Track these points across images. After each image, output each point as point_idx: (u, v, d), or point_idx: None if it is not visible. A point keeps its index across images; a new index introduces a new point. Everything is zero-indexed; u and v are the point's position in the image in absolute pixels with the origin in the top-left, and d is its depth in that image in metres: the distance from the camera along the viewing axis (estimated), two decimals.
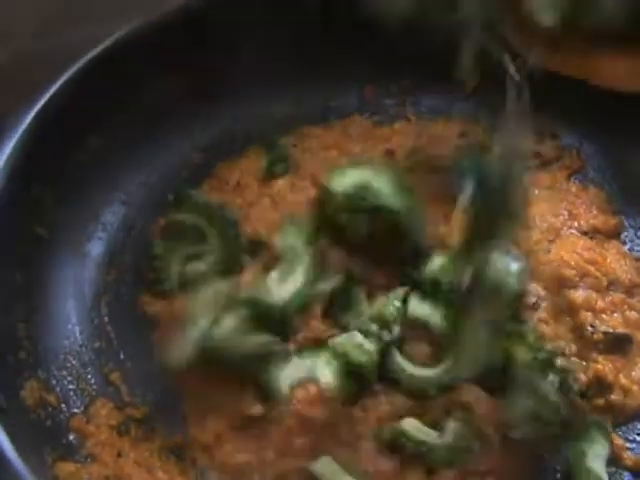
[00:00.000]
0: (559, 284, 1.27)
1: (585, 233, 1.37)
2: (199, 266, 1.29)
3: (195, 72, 1.48)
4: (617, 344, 1.23)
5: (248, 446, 1.14)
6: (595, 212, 1.41)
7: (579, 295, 1.27)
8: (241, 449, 1.14)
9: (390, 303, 1.17)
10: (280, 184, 1.41)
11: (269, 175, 1.43)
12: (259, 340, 1.14)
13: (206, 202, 1.31)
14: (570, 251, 1.31)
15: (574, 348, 1.23)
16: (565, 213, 1.39)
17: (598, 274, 1.29)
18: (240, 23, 1.44)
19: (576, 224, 1.38)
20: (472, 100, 1.51)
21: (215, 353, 1.15)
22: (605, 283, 1.29)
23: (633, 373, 1.22)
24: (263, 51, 1.46)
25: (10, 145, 1.26)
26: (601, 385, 1.20)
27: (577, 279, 1.28)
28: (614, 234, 1.40)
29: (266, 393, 1.15)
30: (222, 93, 1.48)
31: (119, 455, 1.17)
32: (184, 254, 1.31)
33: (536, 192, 1.38)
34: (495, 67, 1.15)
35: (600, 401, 1.19)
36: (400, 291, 1.19)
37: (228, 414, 1.17)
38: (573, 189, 1.45)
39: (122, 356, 1.30)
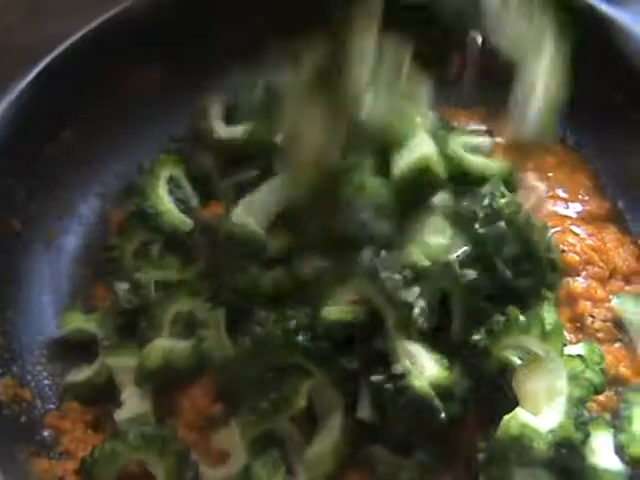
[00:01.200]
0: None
1: (582, 219, 1.38)
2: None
3: (170, 62, 1.46)
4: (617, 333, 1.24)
5: None
6: (587, 197, 1.41)
7: (579, 284, 1.27)
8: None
9: None
10: None
11: None
12: None
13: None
14: (573, 236, 1.32)
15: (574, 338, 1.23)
16: (561, 198, 1.40)
17: (601, 263, 1.30)
18: (215, 11, 1.43)
19: (574, 209, 1.38)
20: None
21: None
22: (607, 273, 1.29)
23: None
24: (240, 40, 1.45)
25: None
26: None
27: (580, 267, 1.29)
28: (609, 218, 1.39)
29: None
30: (198, 83, 1.46)
31: None
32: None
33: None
34: None
35: None
36: None
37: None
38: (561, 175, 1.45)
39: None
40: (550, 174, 1.45)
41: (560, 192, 1.40)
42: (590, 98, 1.43)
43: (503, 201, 1.12)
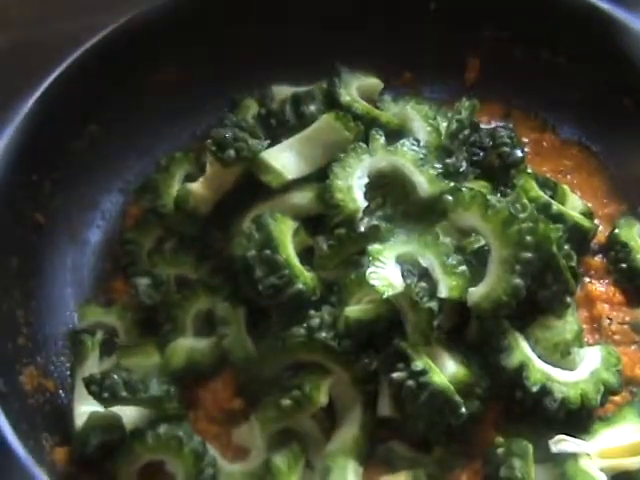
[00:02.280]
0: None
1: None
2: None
3: (194, 61, 1.48)
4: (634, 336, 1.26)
5: None
6: (605, 200, 1.43)
7: (597, 287, 1.30)
8: None
9: None
10: None
11: None
12: None
13: None
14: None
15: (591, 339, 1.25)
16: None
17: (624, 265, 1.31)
18: (238, 10, 1.45)
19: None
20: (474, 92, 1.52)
21: None
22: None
23: None
24: (261, 38, 1.47)
25: (9, 133, 1.26)
26: None
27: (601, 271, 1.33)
28: None
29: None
30: (221, 81, 1.48)
31: None
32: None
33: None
34: None
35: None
36: None
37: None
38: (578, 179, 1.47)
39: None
40: (568, 177, 1.47)
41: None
42: (606, 103, 1.46)
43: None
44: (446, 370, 1.08)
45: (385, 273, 1.08)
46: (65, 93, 1.33)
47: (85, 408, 1.14)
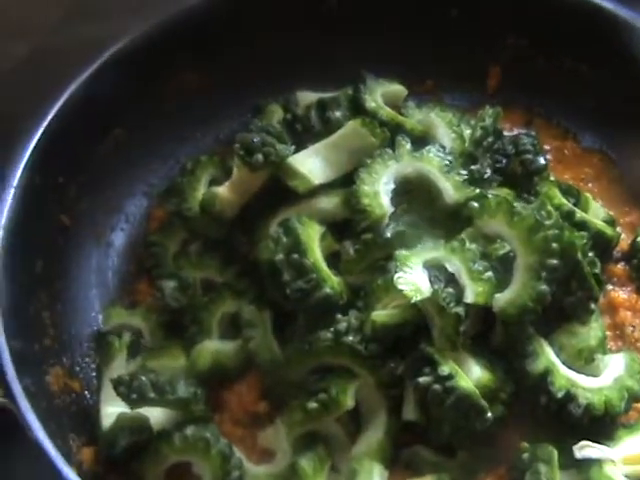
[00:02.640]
0: None
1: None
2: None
3: (215, 66, 1.49)
4: None
5: None
6: (627, 208, 1.43)
7: (620, 294, 1.30)
8: None
9: None
10: None
11: None
12: None
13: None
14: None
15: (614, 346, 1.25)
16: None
17: None
18: (259, 18, 1.46)
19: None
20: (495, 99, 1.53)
21: None
22: None
23: None
24: (284, 44, 1.48)
25: (36, 137, 1.26)
26: None
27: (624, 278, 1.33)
28: None
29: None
30: (243, 86, 1.49)
31: None
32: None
33: None
34: None
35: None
36: None
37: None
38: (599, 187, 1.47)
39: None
40: (589, 185, 1.48)
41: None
42: (627, 111, 1.46)
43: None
44: (471, 375, 1.09)
45: (413, 278, 1.09)
46: (89, 98, 1.33)
47: (112, 409, 1.15)
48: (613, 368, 1.16)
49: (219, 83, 1.51)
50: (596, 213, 1.34)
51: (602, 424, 1.12)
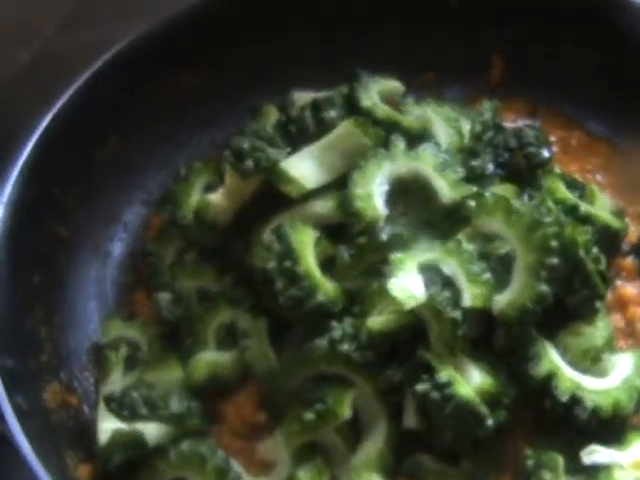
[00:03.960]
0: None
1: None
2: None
3: (213, 69, 1.47)
4: None
5: None
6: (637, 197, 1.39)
7: (629, 289, 1.26)
8: None
9: None
10: None
11: None
12: None
13: None
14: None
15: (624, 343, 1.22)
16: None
17: None
18: (255, 20, 1.44)
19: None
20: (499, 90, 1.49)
21: None
22: None
23: None
24: (280, 45, 1.45)
25: (30, 146, 1.25)
26: None
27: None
28: None
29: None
30: (240, 89, 1.47)
31: None
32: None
33: None
34: None
35: None
36: None
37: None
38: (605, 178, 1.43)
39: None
40: (597, 175, 1.43)
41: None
42: (634, 95, 1.42)
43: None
44: (472, 380, 1.06)
45: (406, 284, 1.05)
46: (83, 107, 1.32)
47: (108, 425, 1.14)
48: (621, 368, 1.12)
49: (216, 87, 1.49)
50: (603, 205, 1.30)
51: (611, 427, 1.08)
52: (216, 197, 1.26)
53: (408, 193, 1.20)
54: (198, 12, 1.43)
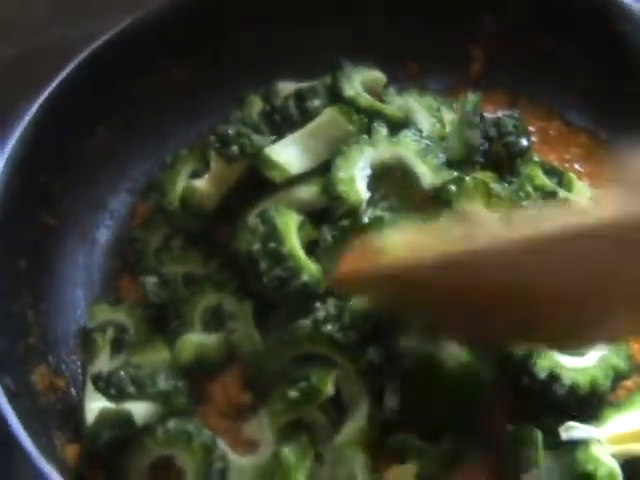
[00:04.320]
0: None
1: None
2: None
3: (198, 61, 1.49)
4: None
5: None
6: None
7: None
8: None
9: None
10: None
11: None
12: None
13: None
14: None
15: None
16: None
17: None
18: (240, 12, 1.46)
19: None
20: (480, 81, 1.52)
21: None
22: None
23: None
24: (265, 36, 1.47)
25: (17, 135, 1.26)
26: None
27: None
28: None
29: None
30: (226, 80, 1.49)
31: None
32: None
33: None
34: None
35: None
36: None
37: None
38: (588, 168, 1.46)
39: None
40: (575, 165, 1.46)
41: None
42: (615, 88, 1.44)
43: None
44: (452, 358, 1.08)
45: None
46: (70, 96, 1.33)
47: (95, 404, 1.15)
48: (599, 347, 1.14)
49: (202, 78, 1.50)
50: (581, 192, 1.33)
51: (588, 404, 1.11)
52: (202, 183, 1.28)
53: (390, 178, 1.22)
54: (184, 4, 1.45)
